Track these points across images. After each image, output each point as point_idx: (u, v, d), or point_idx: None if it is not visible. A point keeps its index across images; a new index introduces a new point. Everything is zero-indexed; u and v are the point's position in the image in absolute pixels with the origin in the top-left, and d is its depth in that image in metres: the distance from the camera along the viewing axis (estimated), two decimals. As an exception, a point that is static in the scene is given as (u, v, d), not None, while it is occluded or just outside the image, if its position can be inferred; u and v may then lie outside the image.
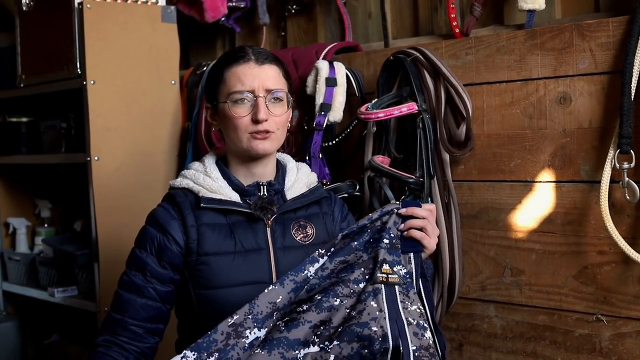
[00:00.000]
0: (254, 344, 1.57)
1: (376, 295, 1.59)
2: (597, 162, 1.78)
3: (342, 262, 1.65)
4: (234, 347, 1.56)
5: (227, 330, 1.57)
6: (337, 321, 1.58)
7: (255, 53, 1.76)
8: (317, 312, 1.59)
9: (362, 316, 1.57)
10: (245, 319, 1.59)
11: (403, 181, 1.98)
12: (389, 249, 1.64)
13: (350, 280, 1.62)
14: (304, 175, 1.84)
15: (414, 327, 1.58)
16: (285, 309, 1.60)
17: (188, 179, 1.77)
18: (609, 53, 1.75)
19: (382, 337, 1.56)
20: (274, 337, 1.56)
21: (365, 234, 1.67)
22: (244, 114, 1.71)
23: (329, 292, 1.61)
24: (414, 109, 1.98)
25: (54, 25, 2.57)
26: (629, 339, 1.75)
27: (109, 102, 2.49)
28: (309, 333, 1.57)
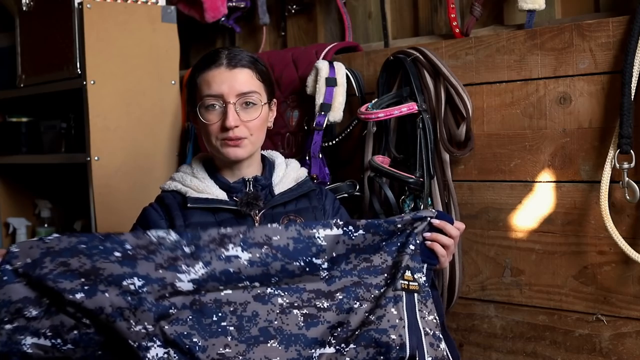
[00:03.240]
0: (231, 261, 1.55)
1: (397, 302, 1.59)
2: (597, 162, 1.78)
3: (366, 260, 1.62)
4: (211, 252, 1.55)
5: (215, 236, 1.56)
6: (354, 324, 1.57)
7: (228, 57, 1.74)
8: (337, 312, 1.57)
9: (382, 322, 1.57)
10: (236, 235, 1.56)
11: (403, 181, 1.98)
12: (412, 255, 1.63)
13: (372, 285, 1.60)
14: (293, 171, 1.84)
15: (430, 338, 1.58)
16: (276, 255, 1.57)
17: (176, 182, 1.80)
18: (609, 53, 1.75)
19: (399, 345, 1.55)
20: (293, 332, 1.55)
21: (394, 238, 1.63)
22: (215, 121, 1.72)
23: (350, 292, 1.59)
24: (414, 109, 1.98)
25: (54, 25, 2.57)
26: (629, 339, 1.75)
27: (109, 102, 2.49)
28: (326, 333, 1.56)
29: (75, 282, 1.50)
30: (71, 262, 1.51)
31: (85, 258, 1.52)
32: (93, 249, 1.52)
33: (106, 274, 1.51)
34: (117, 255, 1.52)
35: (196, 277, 1.54)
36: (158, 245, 1.54)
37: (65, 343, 1.51)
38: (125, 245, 1.53)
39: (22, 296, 1.51)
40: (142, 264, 1.52)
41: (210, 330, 1.53)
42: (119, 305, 1.50)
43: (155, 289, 1.53)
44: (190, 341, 1.52)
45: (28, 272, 1.51)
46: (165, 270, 1.53)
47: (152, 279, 1.53)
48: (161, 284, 1.53)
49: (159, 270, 1.53)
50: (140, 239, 1.54)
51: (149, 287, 1.52)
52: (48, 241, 1.53)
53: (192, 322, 1.53)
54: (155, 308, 1.52)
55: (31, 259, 1.51)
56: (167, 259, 1.54)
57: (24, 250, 1.52)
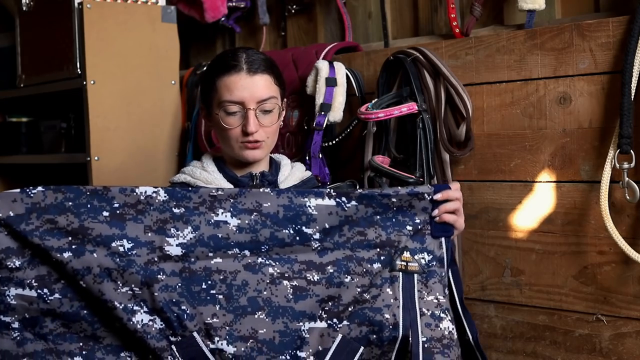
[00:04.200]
0: (219, 227, 1.54)
1: (393, 282, 1.59)
2: (597, 162, 1.78)
3: (360, 234, 1.61)
4: (200, 215, 1.54)
5: (206, 197, 1.55)
6: (346, 299, 1.57)
7: (248, 62, 1.77)
8: (327, 286, 1.57)
9: (376, 301, 1.58)
10: (227, 199, 1.56)
11: (403, 181, 1.98)
12: (412, 235, 1.62)
13: (364, 259, 1.60)
14: (298, 171, 1.89)
15: (427, 318, 1.59)
16: (265, 222, 1.56)
17: (186, 174, 1.84)
18: (609, 53, 1.75)
19: (393, 325, 1.57)
20: (280, 304, 1.55)
21: (390, 213, 1.62)
22: (235, 125, 1.77)
23: (341, 266, 1.59)
24: (414, 109, 1.97)
25: (54, 25, 2.57)
26: (629, 339, 1.75)
27: (109, 102, 2.49)
28: (315, 307, 1.56)
29: (63, 241, 1.49)
30: (58, 220, 1.49)
31: (73, 216, 1.50)
32: (81, 207, 1.50)
33: (94, 234, 1.50)
34: (105, 215, 1.51)
35: (184, 241, 1.53)
36: (146, 204, 1.53)
37: (52, 293, 1.49)
38: (114, 203, 1.51)
39: (4, 246, 1.49)
40: (131, 226, 1.51)
41: (199, 298, 1.53)
42: (107, 265, 1.49)
43: (144, 252, 1.52)
44: (178, 308, 1.51)
45: (11, 225, 1.49)
46: (154, 234, 1.52)
47: (141, 242, 1.52)
48: (150, 247, 1.52)
49: (148, 233, 1.52)
50: (129, 196, 1.52)
51: (137, 250, 1.51)
52: (32, 195, 1.49)
53: (181, 289, 1.52)
54: (143, 272, 1.51)
55: (14, 213, 1.49)
56: (156, 220, 1.53)
57: (6, 202, 1.49)
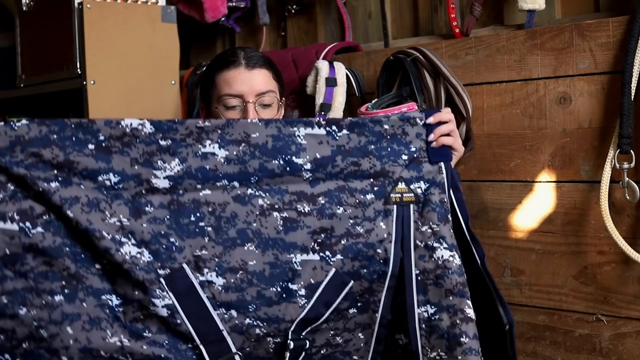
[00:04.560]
0: (207, 158, 1.51)
1: (387, 216, 1.58)
2: (597, 162, 1.78)
3: (354, 164, 1.58)
4: (188, 147, 1.50)
5: (192, 129, 1.51)
6: (339, 231, 1.56)
7: (246, 57, 1.80)
8: (318, 218, 1.56)
9: (370, 236, 1.57)
10: (214, 131, 1.52)
11: (403, 181, 1.98)
12: (407, 165, 1.60)
13: (357, 190, 1.58)
14: None
15: (420, 250, 1.58)
16: (254, 153, 1.53)
17: None
18: (609, 53, 1.75)
19: (383, 259, 1.56)
20: (270, 236, 1.52)
21: (384, 142, 1.60)
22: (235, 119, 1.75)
23: (333, 197, 1.57)
24: (414, 109, 1.97)
25: (54, 25, 2.57)
26: (629, 339, 1.75)
27: (109, 102, 2.49)
28: (307, 239, 1.54)
29: (49, 173, 1.44)
30: (43, 153, 1.44)
31: (58, 150, 1.45)
32: (65, 139, 1.45)
33: (80, 167, 1.46)
34: (91, 148, 1.46)
35: (171, 173, 1.50)
36: (132, 137, 1.48)
37: (34, 226, 1.43)
38: (99, 135, 1.47)
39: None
40: (117, 159, 1.47)
41: (188, 230, 1.50)
42: (95, 196, 1.46)
43: (132, 185, 1.49)
44: (167, 241, 1.49)
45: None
46: (140, 166, 1.49)
47: (128, 175, 1.48)
48: (137, 180, 1.49)
49: (135, 165, 1.48)
50: (114, 129, 1.47)
51: (124, 184, 1.48)
52: (16, 128, 1.44)
53: (169, 222, 1.50)
54: (131, 204, 1.48)
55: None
56: (143, 153, 1.49)
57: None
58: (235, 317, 1.53)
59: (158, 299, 1.47)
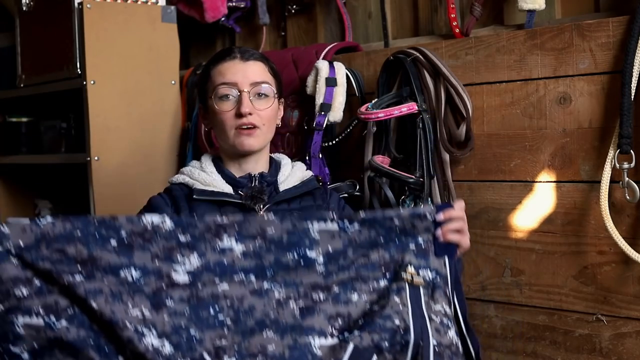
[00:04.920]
0: (225, 253, 1.55)
1: (399, 292, 1.58)
2: (597, 162, 1.78)
3: (363, 256, 1.61)
4: (206, 242, 1.55)
5: (211, 225, 1.56)
6: (356, 314, 1.57)
7: (241, 51, 1.80)
8: (334, 304, 1.57)
9: (385, 310, 1.57)
10: (231, 226, 1.56)
11: (403, 181, 1.98)
12: (416, 253, 1.61)
13: (370, 278, 1.60)
14: (299, 171, 1.87)
15: (436, 324, 1.58)
16: (269, 248, 1.56)
17: (185, 175, 1.84)
18: (609, 53, 1.75)
19: (404, 329, 1.55)
20: (288, 322, 1.55)
21: (393, 235, 1.61)
22: (229, 109, 1.76)
23: (347, 285, 1.59)
24: (414, 109, 1.98)
25: (54, 25, 2.57)
26: (629, 339, 1.75)
27: (109, 102, 2.49)
28: (324, 323, 1.55)
29: (73, 268, 1.50)
30: (68, 250, 1.50)
31: (82, 246, 1.51)
32: (89, 236, 1.51)
33: (103, 263, 1.51)
34: (114, 244, 1.52)
35: (191, 268, 1.54)
36: (153, 233, 1.53)
37: (59, 320, 1.49)
38: (121, 232, 1.52)
39: (12, 276, 1.49)
40: (138, 254, 1.52)
41: (208, 323, 1.53)
42: (117, 290, 1.50)
43: (152, 280, 1.53)
44: (187, 333, 1.52)
45: (21, 254, 1.49)
46: (161, 261, 1.53)
47: (149, 270, 1.53)
48: (158, 275, 1.53)
49: (155, 260, 1.53)
50: (135, 225, 1.53)
51: (145, 279, 1.53)
52: (42, 226, 1.50)
53: (189, 315, 1.53)
54: (152, 298, 1.52)
55: (24, 243, 1.50)
56: (163, 248, 1.53)
57: (16, 231, 1.50)
58: None
59: None
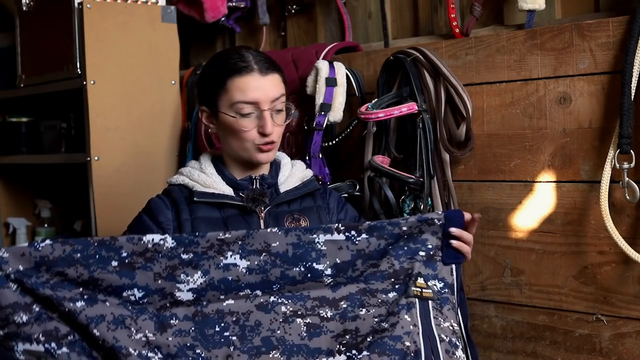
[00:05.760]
0: (229, 269, 1.53)
1: (410, 309, 1.56)
2: (597, 162, 1.78)
3: (373, 265, 1.59)
4: (209, 259, 1.53)
5: (213, 242, 1.54)
6: (364, 330, 1.54)
7: (257, 62, 1.76)
8: (341, 322, 1.55)
9: (396, 329, 1.53)
10: (235, 242, 1.54)
11: (403, 181, 1.98)
12: (425, 261, 1.60)
13: (378, 290, 1.58)
14: (299, 171, 1.86)
15: (446, 345, 1.55)
16: (275, 262, 1.54)
17: (184, 176, 1.82)
18: (609, 53, 1.75)
19: (414, 352, 1.52)
20: (295, 342, 1.52)
21: (401, 242, 1.59)
22: (251, 127, 1.75)
23: (355, 300, 1.57)
24: (414, 109, 1.98)
25: (54, 25, 2.57)
26: (629, 339, 1.75)
27: (109, 102, 2.49)
28: (331, 342, 1.53)
29: (74, 292, 1.49)
30: (68, 272, 1.49)
31: (82, 268, 1.49)
32: (89, 258, 1.50)
33: (105, 284, 1.50)
34: (114, 265, 1.50)
35: (195, 286, 1.53)
36: (155, 252, 1.52)
37: (59, 347, 1.47)
38: (122, 252, 1.51)
39: (11, 301, 1.47)
40: (140, 274, 1.51)
41: (213, 341, 1.52)
42: (120, 313, 1.49)
43: (156, 299, 1.52)
44: (193, 352, 1.50)
45: (21, 279, 1.48)
46: (164, 280, 1.52)
47: (152, 289, 1.51)
48: (161, 294, 1.52)
49: (158, 280, 1.52)
50: (136, 245, 1.51)
51: (149, 298, 1.51)
52: (40, 249, 1.49)
53: (194, 333, 1.51)
54: (156, 318, 1.51)
55: (24, 267, 1.48)
56: (165, 267, 1.52)
57: (15, 256, 1.48)
58: None
59: None
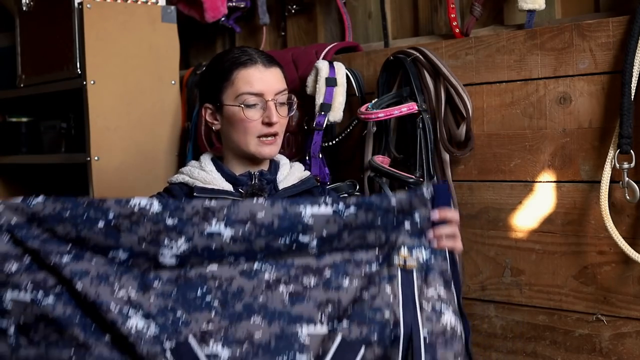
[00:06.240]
0: (212, 238, 1.53)
1: (391, 280, 1.56)
2: (597, 162, 1.78)
3: (359, 237, 1.58)
4: (194, 226, 1.53)
5: (199, 209, 1.54)
6: (346, 301, 1.55)
7: (259, 55, 1.81)
8: (324, 290, 1.56)
9: (376, 301, 1.54)
10: (220, 210, 1.55)
11: (403, 181, 1.98)
12: (410, 232, 1.59)
13: (362, 261, 1.58)
14: (297, 171, 1.89)
15: (427, 313, 1.55)
16: (259, 233, 1.54)
17: (184, 174, 1.84)
18: (609, 53, 1.75)
19: (394, 323, 1.53)
20: (277, 308, 1.53)
21: (390, 215, 1.58)
22: (256, 117, 1.77)
23: (339, 269, 1.57)
24: (414, 109, 1.98)
25: (54, 25, 2.57)
26: (629, 339, 1.75)
27: (109, 102, 2.49)
28: (313, 311, 1.54)
29: (62, 248, 1.53)
30: (57, 229, 1.53)
31: (71, 226, 1.53)
32: (77, 217, 1.54)
33: (92, 244, 1.53)
34: (100, 227, 1.53)
35: (178, 252, 1.54)
36: (140, 216, 1.54)
37: (46, 297, 1.50)
38: (109, 214, 1.54)
39: (3, 251, 1.53)
40: (125, 236, 1.53)
41: (195, 305, 1.53)
42: (104, 270, 1.52)
43: (140, 262, 1.54)
44: (173, 315, 1.52)
45: (13, 231, 1.54)
46: (148, 244, 1.54)
47: (136, 252, 1.54)
48: (145, 257, 1.54)
49: (142, 244, 1.53)
50: (123, 208, 1.54)
51: (133, 260, 1.54)
52: (32, 206, 1.56)
53: (176, 296, 1.53)
54: (140, 279, 1.53)
55: (16, 221, 1.55)
56: (150, 231, 1.53)
57: (9, 209, 1.57)
58: None
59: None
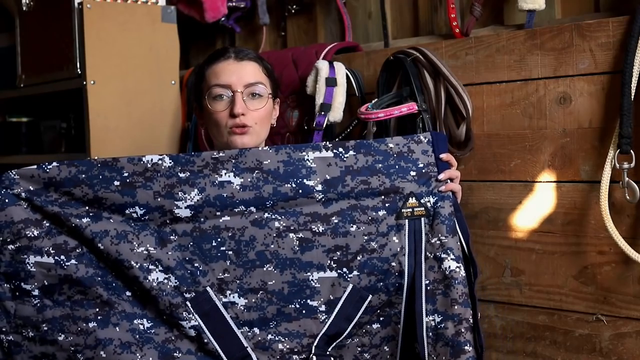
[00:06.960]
0: (224, 186, 1.60)
1: (399, 230, 1.65)
2: (597, 162, 1.78)
3: (363, 182, 1.66)
4: (205, 177, 1.61)
5: (208, 160, 1.62)
6: (354, 247, 1.63)
7: (235, 51, 1.83)
8: (332, 236, 1.63)
9: (384, 251, 1.63)
10: (229, 160, 1.62)
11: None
12: (417, 180, 1.67)
13: (369, 208, 1.65)
14: None
15: (430, 261, 1.64)
16: (267, 179, 1.61)
17: None
18: (609, 53, 1.75)
19: (398, 272, 1.63)
20: (287, 256, 1.60)
21: (391, 160, 1.67)
22: (222, 109, 1.79)
23: (346, 216, 1.64)
24: (414, 109, 1.97)
25: (54, 25, 2.57)
26: (629, 339, 1.75)
27: (109, 102, 2.49)
28: (323, 257, 1.62)
29: (81, 209, 1.58)
30: (74, 192, 1.58)
31: (87, 188, 1.58)
32: (93, 178, 1.58)
33: (109, 203, 1.58)
34: (117, 185, 1.58)
35: (192, 203, 1.60)
36: (154, 172, 1.59)
37: (68, 259, 1.57)
38: (123, 172, 1.59)
39: (23, 217, 1.57)
40: (141, 193, 1.59)
41: (210, 255, 1.60)
42: (123, 228, 1.58)
43: (156, 216, 1.60)
44: (191, 266, 1.59)
45: (31, 198, 1.58)
46: (163, 198, 1.60)
47: (152, 207, 1.59)
48: (161, 211, 1.60)
49: (158, 198, 1.59)
50: (136, 165, 1.59)
51: (150, 215, 1.60)
52: (48, 171, 1.59)
53: (193, 248, 1.60)
54: (157, 234, 1.60)
55: (34, 188, 1.58)
56: (164, 186, 1.60)
57: (25, 177, 1.59)
58: (258, 334, 1.61)
59: (185, 320, 1.57)
